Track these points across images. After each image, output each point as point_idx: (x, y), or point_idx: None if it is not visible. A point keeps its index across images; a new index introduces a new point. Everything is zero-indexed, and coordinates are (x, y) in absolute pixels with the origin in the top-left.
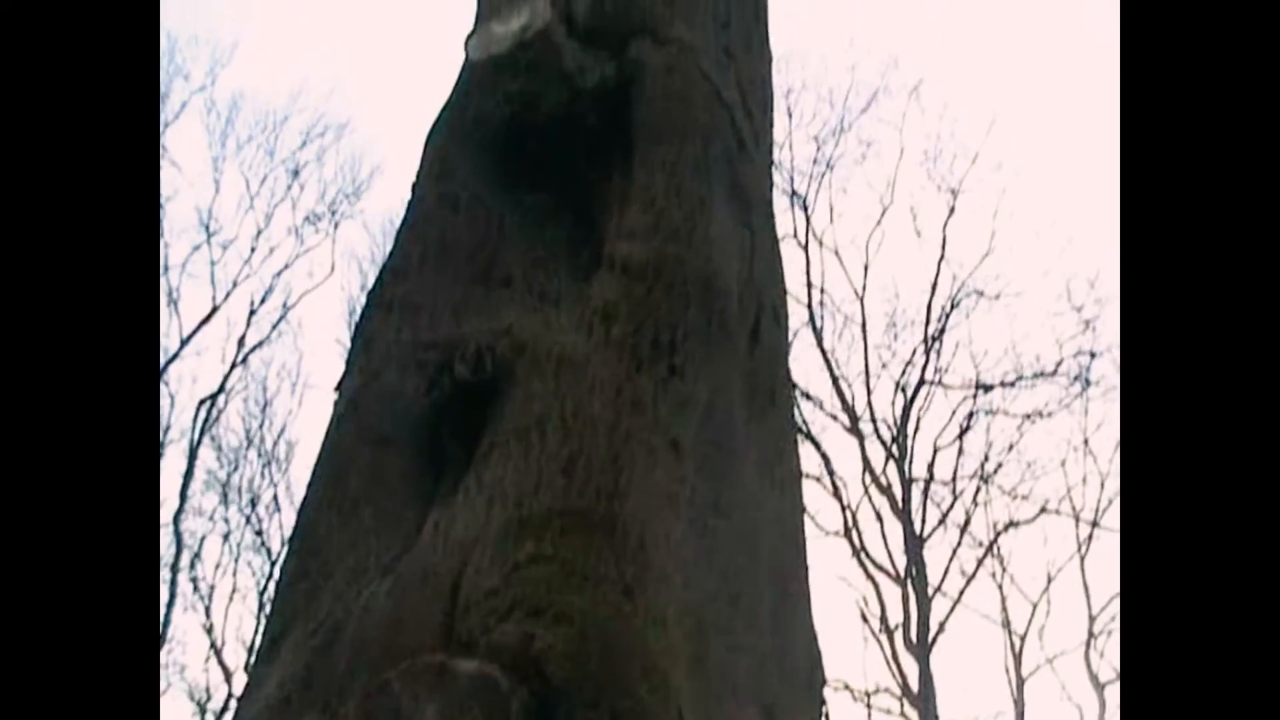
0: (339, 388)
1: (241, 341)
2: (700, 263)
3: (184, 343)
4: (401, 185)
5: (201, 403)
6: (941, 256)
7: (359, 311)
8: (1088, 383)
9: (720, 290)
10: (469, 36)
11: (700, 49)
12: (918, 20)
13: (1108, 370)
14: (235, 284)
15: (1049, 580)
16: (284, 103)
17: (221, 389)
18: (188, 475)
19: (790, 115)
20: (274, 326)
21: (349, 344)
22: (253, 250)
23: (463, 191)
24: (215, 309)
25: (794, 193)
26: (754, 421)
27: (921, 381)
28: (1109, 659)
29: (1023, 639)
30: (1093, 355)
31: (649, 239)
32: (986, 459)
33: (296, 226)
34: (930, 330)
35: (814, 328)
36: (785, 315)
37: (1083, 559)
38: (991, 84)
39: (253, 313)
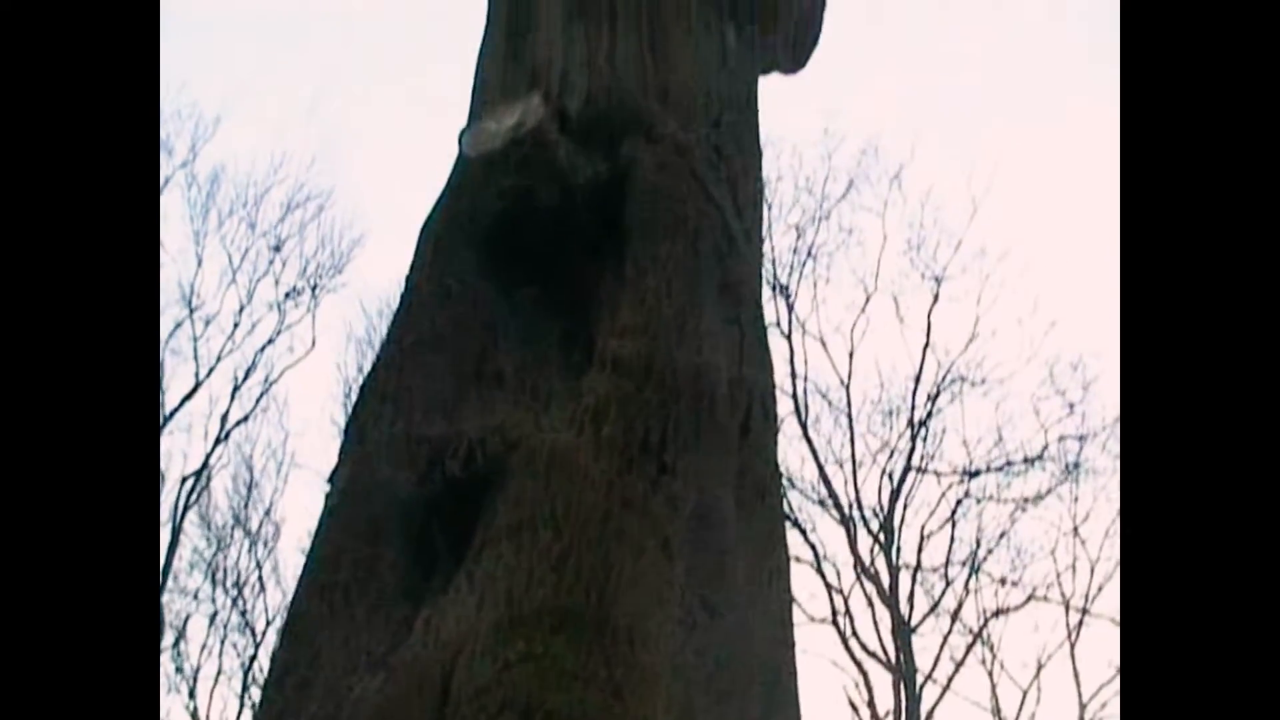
0: (332, 478)
1: (225, 418)
2: (691, 360)
3: (167, 419)
4: (383, 258)
5: (185, 480)
6: (926, 343)
7: (344, 388)
8: (1075, 468)
9: (710, 387)
10: (463, 131)
11: (692, 147)
12: (897, 108)
13: (1095, 455)
14: (218, 359)
15: (1039, 667)
16: (265, 174)
17: (205, 466)
18: (170, 553)
19: (770, 204)
20: (257, 402)
21: (342, 434)
22: (235, 325)
23: (456, 285)
24: (198, 385)
25: (776, 282)
26: (744, 516)
27: (908, 468)
28: None
29: None
30: (1080, 440)
31: (640, 336)
32: (976, 546)
33: (279, 301)
34: (916, 417)
35: (800, 417)
36: (774, 410)
37: (1073, 646)
38: (973, 170)
39: (236, 389)
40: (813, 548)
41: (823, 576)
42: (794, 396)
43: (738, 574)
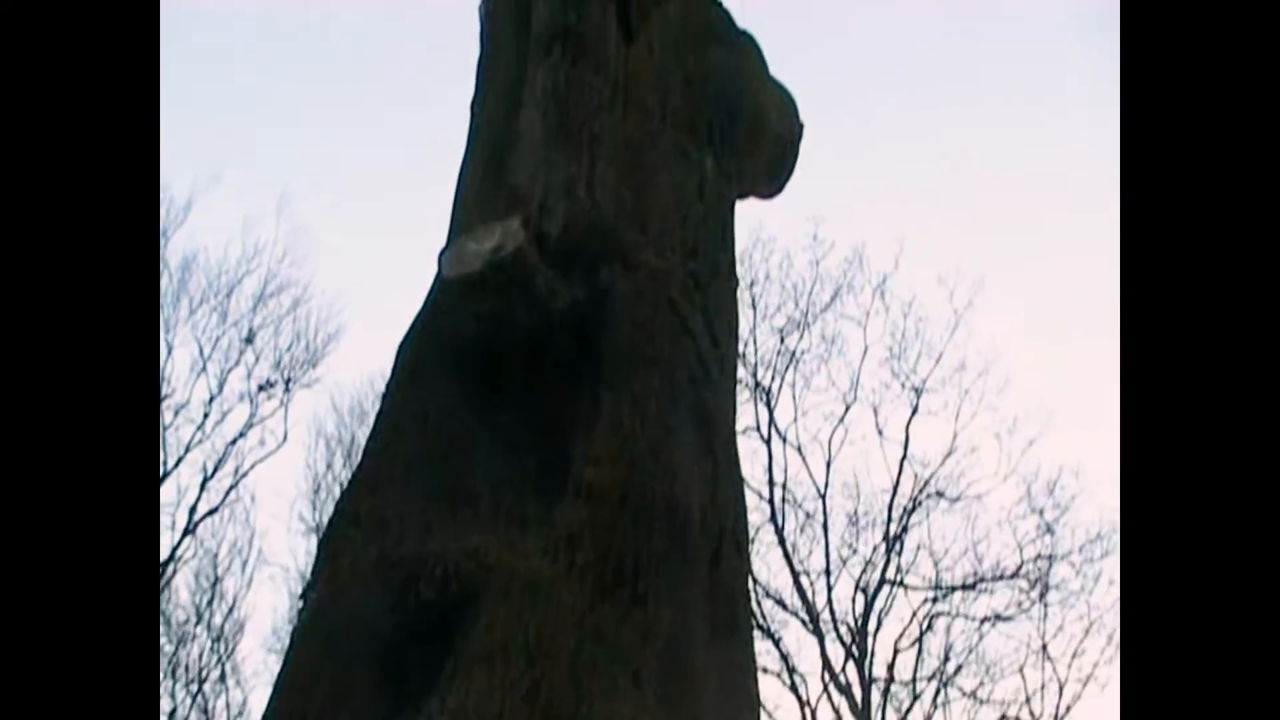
0: (304, 597)
1: (193, 510)
2: (665, 490)
3: None
4: (359, 354)
5: None
6: (904, 455)
7: (314, 485)
8: (1047, 588)
9: (683, 518)
10: (443, 251)
11: (668, 276)
12: (882, 218)
13: (1067, 575)
14: (187, 449)
15: None
16: (238, 264)
17: (171, 558)
18: None
19: (755, 307)
20: (225, 495)
21: (315, 553)
22: (205, 416)
23: (432, 407)
24: (166, 475)
25: (757, 385)
26: (715, 648)
27: (882, 581)
28: None
29: None
30: (1051, 560)
31: (615, 465)
32: (946, 661)
33: (250, 393)
34: (892, 530)
35: (775, 524)
36: (747, 542)
37: None
38: (955, 286)
39: (205, 480)
40: (783, 657)
41: (793, 687)
42: (770, 503)
43: (707, 706)
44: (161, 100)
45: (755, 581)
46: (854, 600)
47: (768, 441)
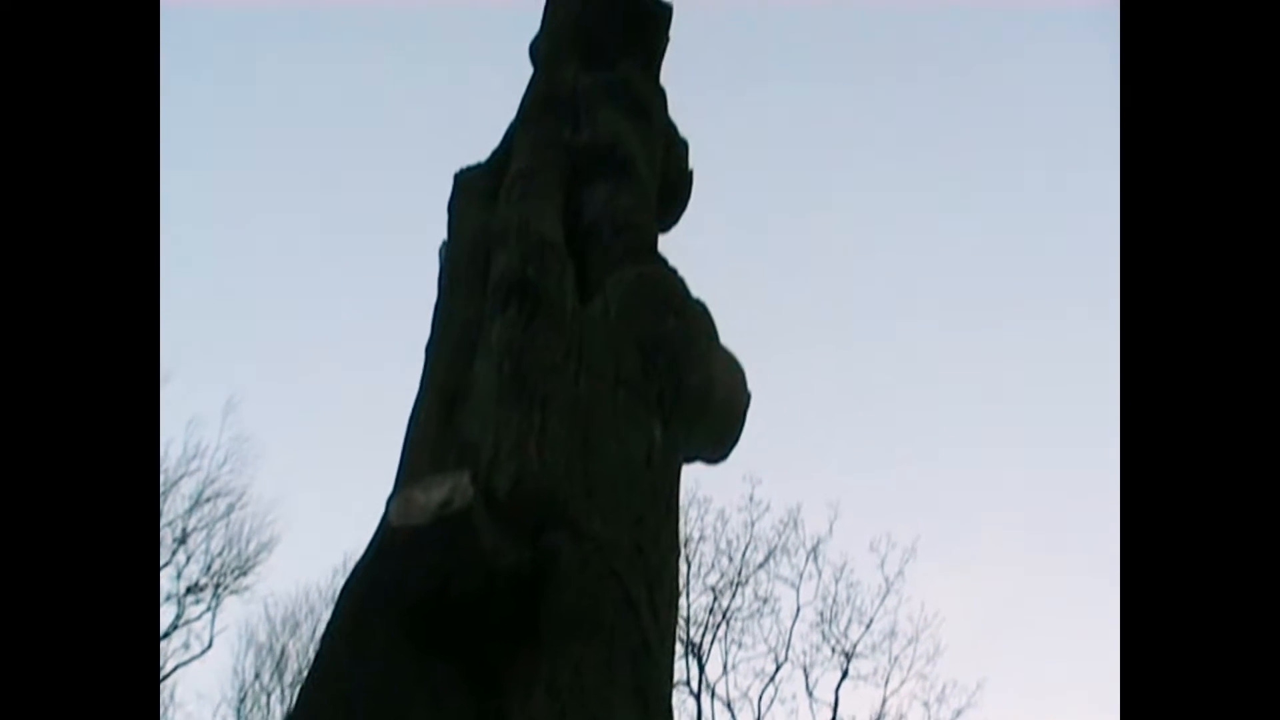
0: None
1: None
2: None
3: None
4: (292, 566)
5: None
6: (833, 718)
7: (239, 693)
8: None
9: None
10: (390, 497)
11: (613, 546)
12: (819, 482)
13: None
14: None
15: None
16: (176, 464)
17: None
18: None
19: (689, 564)
20: None
21: None
22: None
23: (371, 652)
24: None
25: (689, 641)
26: None
27: None
28: None
29: None
30: None
31: None
32: None
33: (179, 595)
34: None
35: None
36: None
37: None
38: (887, 553)
39: None
40: None
41: None
42: None
43: None
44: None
45: None
46: None
47: (697, 696)
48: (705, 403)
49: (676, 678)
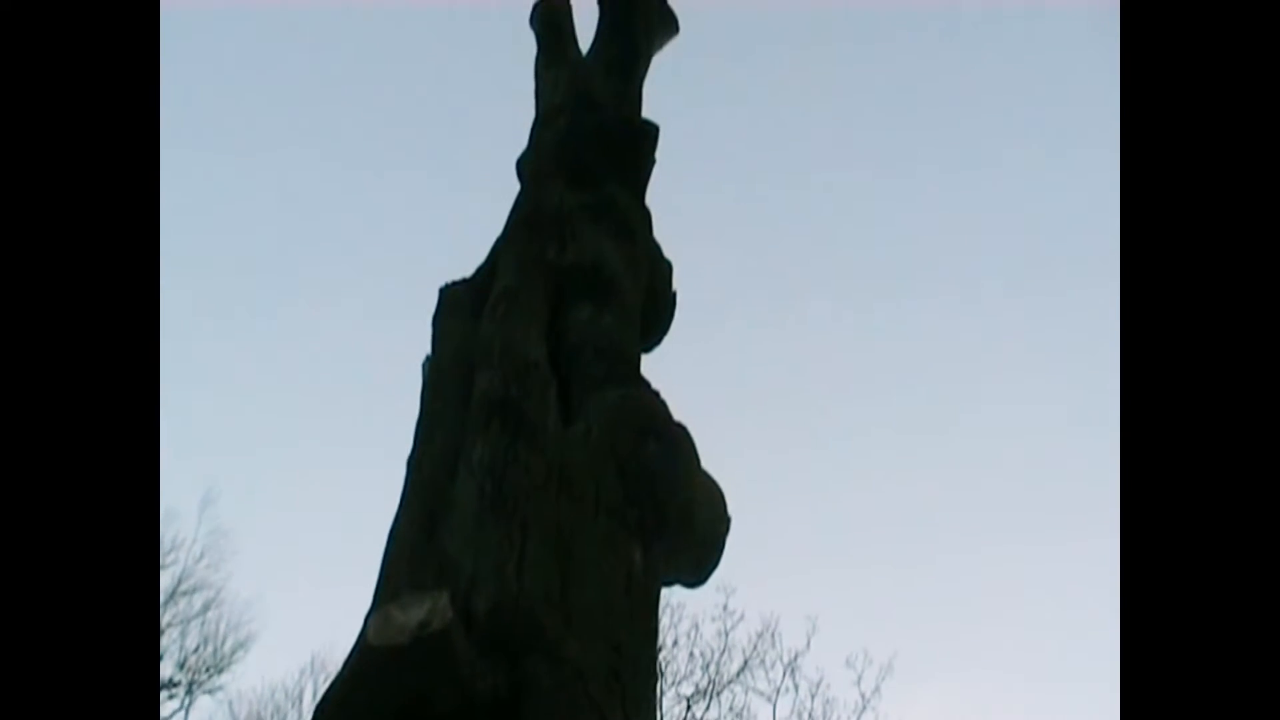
0: None
1: None
2: None
3: None
4: (259, 663)
5: None
6: None
7: None
8: None
9: None
10: (369, 614)
11: (591, 671)
12: (796, 593)
13: None
14: None
15: None
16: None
17: None
18: None
19: (662, 673)
20: None
21: None
22: None
23: None
24: None
25: None
26: None
27: None
28: None
29: None
30: None
31: None
32: None
33: None
34: None
35: None
36: None
37: None
38: (864, 669)
39: None
40: None
41: None
42: None
43: None
44: None
45: None
46: None
47: None
48: (685, 528)
49: None
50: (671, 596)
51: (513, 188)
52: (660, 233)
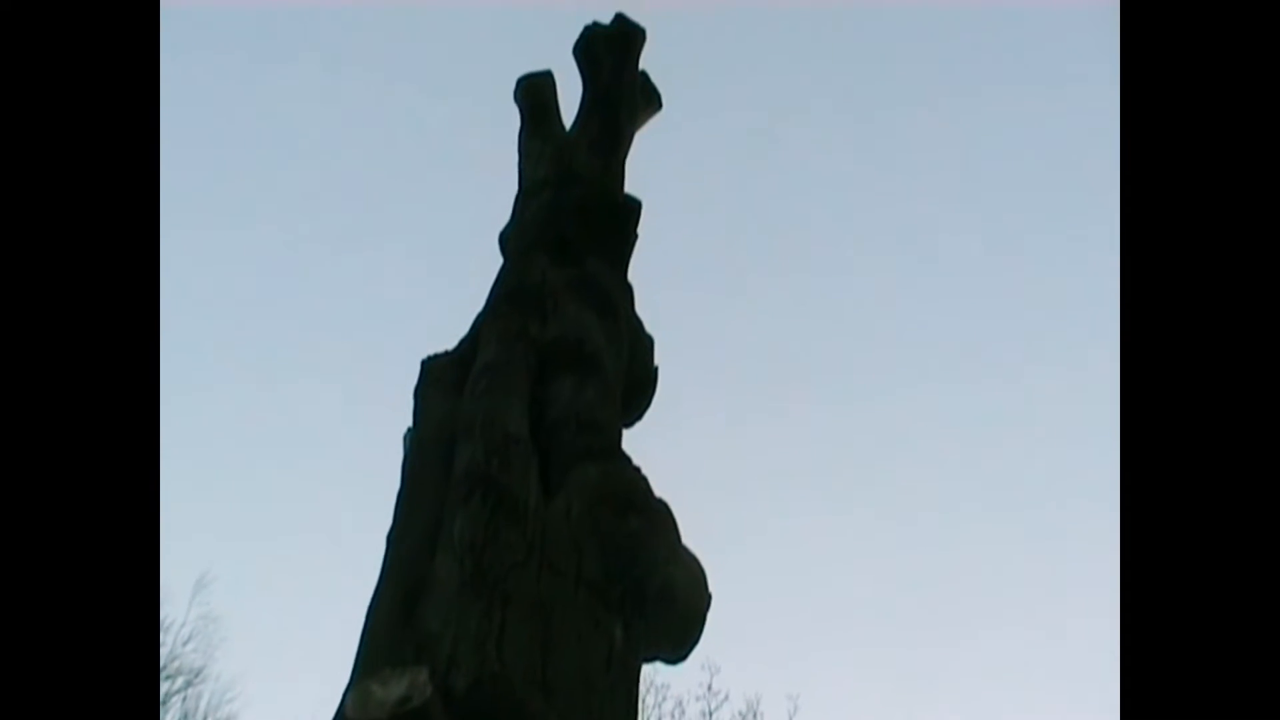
0: None
1: None
2: None
3: None
4: None
5: None
6: None
7: None
8: None
9: None
10: (346, 690)
11: None
12: (779, 669)
13: None
14: None
15: None
16: None
17: None
18: None
19: None
20: None
21: None
22: None
23: None
24: None
25: None
26: None
27: None
28: None
29: None
30: None
31: None
32: None
33: None
34: None
35: None
36: None
37: None
38: None
39: None
40: None
41: None
42: None
43: None
44: None
45: None
46: None
47: None
48: (666, 605)
49: None
50: (656, 676)
51: (495, 262)
52: (642, 308)
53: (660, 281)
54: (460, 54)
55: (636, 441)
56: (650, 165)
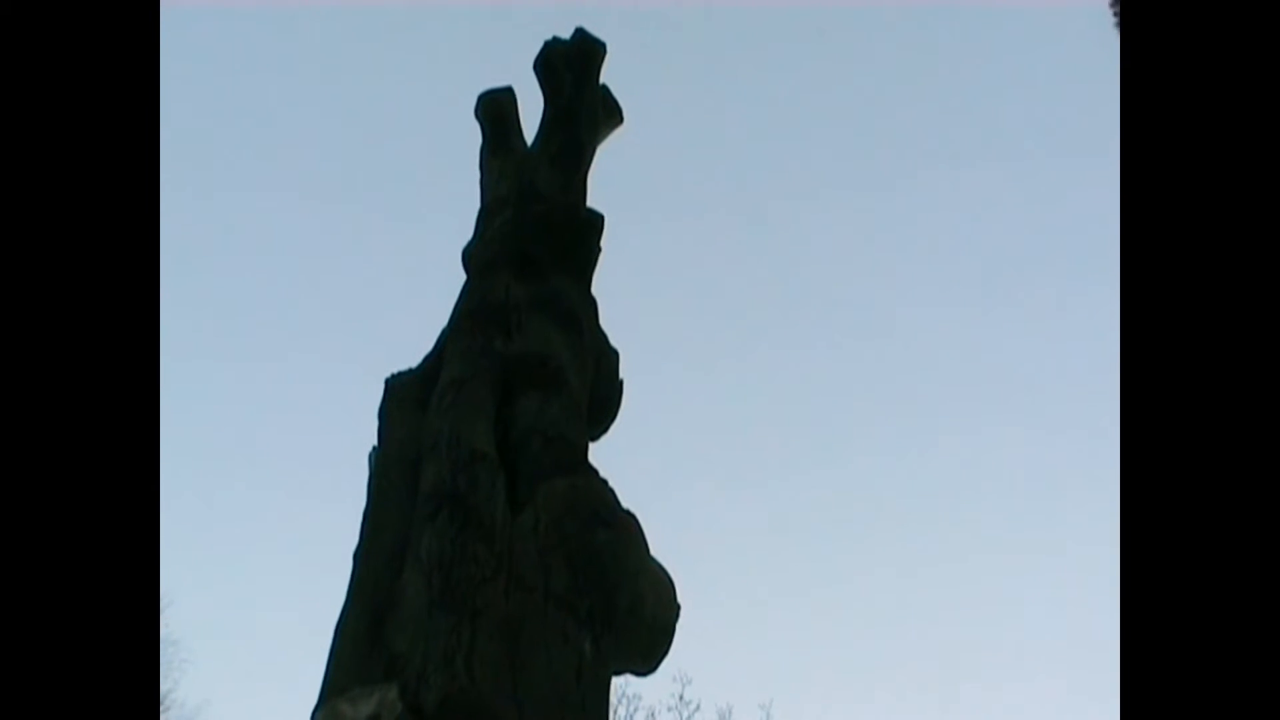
0: None
1: None
2: None
3: None
4: None
5: None
6: None
7: None
8: None
9: None
10: (315, 709)
11: None
12: (751, 677)
13: None
14: None
15: None
16: None
17: None
18: None
19: None
20: None
21: None
22: None
23: None
24: None
25: None
26: None
27: None
28: None
29: None
30: None
31: None
32: None
33: None
34: None
35: None
36: None
37: None
38: None
39: None
40: None
41: None
42: None
43: None
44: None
45: None
46: None
47: None
48: (635, 617)
49: None
50: (628, 687)
51: (459, 278)
52: (607, 321)
53: (626, 295)
54: (424, 69)
55: (603, 453)
56: (613, 178)
